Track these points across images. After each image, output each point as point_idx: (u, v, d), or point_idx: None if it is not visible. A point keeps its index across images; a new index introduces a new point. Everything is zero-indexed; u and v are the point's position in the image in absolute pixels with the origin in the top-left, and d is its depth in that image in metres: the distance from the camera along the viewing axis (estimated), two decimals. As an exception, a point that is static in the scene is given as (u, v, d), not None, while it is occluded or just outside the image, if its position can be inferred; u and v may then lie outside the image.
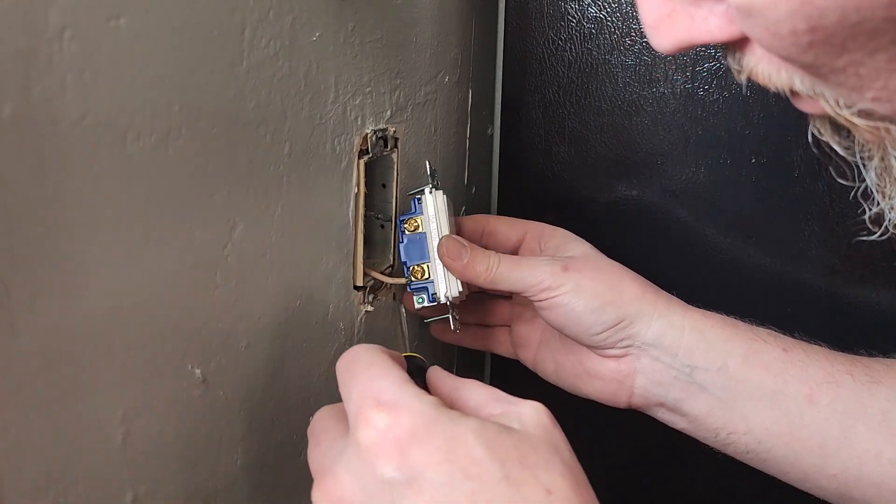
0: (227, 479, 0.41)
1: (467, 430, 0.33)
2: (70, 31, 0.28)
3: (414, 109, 0.56)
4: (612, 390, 0.53)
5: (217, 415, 0.39)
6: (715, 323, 0.51)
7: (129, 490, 0.34)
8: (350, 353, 0.38)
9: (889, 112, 0.25)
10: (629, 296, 0.50)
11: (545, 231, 0.56)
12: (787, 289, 0.66)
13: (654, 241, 0.69)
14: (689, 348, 0.50)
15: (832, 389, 0.48)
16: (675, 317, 0.51)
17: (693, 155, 0.66)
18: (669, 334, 0.50)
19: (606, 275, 0.51)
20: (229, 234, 0.39)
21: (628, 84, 0.67)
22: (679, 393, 0.51)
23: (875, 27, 0.22)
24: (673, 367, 0.51)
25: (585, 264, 0.52)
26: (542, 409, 0.36)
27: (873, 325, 0.63)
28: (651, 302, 0.51)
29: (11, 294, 0.28)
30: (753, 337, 0.50)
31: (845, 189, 0.66)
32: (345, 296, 0.50)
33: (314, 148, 0.45)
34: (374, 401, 0.34)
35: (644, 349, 0.51)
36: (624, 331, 0.51)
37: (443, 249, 0.51)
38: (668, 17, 0.27)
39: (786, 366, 0.49)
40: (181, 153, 0.35)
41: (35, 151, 0.28)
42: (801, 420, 0.48)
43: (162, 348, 0.35)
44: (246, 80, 0.38)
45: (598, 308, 0.50)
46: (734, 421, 0.50)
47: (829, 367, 0.49)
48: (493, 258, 0.51)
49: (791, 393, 0.49)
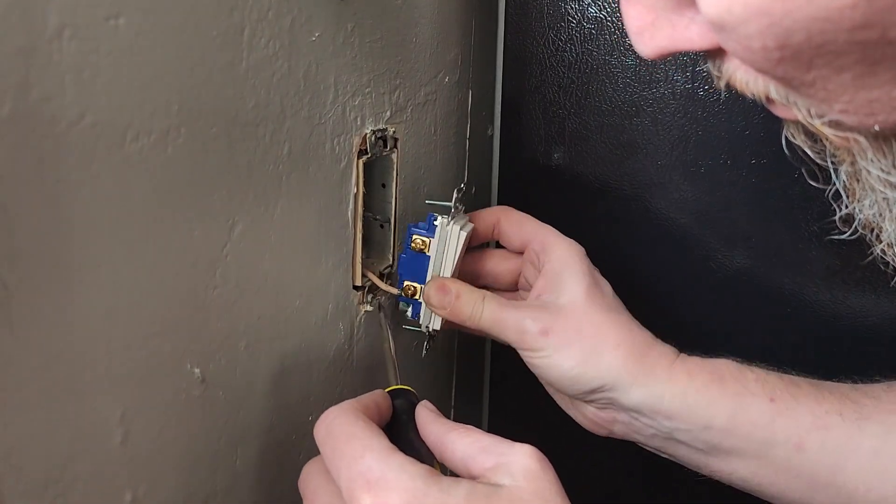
0: (227, 479, 0.41)
1: (458, 500, 0.34)
2: (69, 31, 0.28)
3: (414, 110, 0.56)
4: (591, 427, 0.54)
5: (217, 415, 0.39)
6: (700, 385, 0.50)
7: (129, 490, 0.34)
8: (325, 424, 0.38)
9: (856, 124, 0.26)
10: (608, 365, 0.50)
11: (546, 245, 0.55)
12: (787, 290, 0.66)
13: (654, 243, 0.69)
14: (670, 415, 0.50)
15: (821, 434, 0.48)
16: (656, 386, 0.50)
17: (693, 155, 0.66)
18: (648, 402, 0.50)
19: (588, 340, 0.50)
20: (229, 234, 0.39)
21: (628, 84, 0.67)
22: (660, 443, 0.52)
23: (839, 48, 0.23)
24: (652, 426, 0.51)
25: (567, 323, 0.51)
26: (533, 455, 0.36)
27: (873, 326, 0.63)
28: (631, 372, 0.50)
29: (11, 294, 0.28)
30: (740, 391, 0.50)
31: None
32: (344, 296, 0.50)
33: (313, 148, 0.45)
34: (363, 481, 0.34)
35: (623, 410, 0.51)
36: (602, 394, 0.51)
37: (427, 297, 0.52)
38: (652, 25, 0.28)
39: (774, 417, 0.49)
40: (180, 153, 0.35)
41: (34, 151, 0.28)
42: (789, 465, 0.49)
43: (161, 348, 0.35)
44: (245, 80, 0.38)
45: (573, 377, 0.50)
46: (718, 466, 0.51)
47: (818, 409, 0.49)
48: (478, 306, 0.51)
49: (780, 442, 0.49)
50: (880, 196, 0.29)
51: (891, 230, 0.31)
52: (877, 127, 0.26)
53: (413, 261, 0.52)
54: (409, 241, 0.52)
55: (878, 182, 0.29)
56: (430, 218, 0.52)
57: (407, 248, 0.53)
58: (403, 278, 0.53)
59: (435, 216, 0.52)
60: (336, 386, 0.50)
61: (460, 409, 0.72)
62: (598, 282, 0.53)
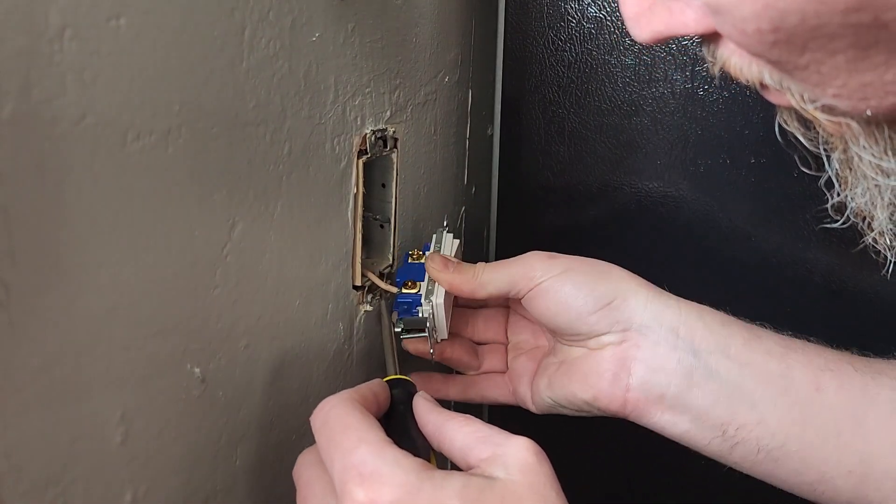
0: (227, 478, 0.41)
1: (452, 494, 0.33)
2: (70, 31, 0.28)
3: (414, 110, 0.56)
4: (608, 389, 0.49)
5: (216, 415, 0.39)
6: (710, 310, 0.49)
7: (129, 490, 0.34)
8: (322, 413, 0.38)
9: (849, 108, 0.27)
10: (619, 277, 0.49)
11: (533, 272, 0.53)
12: (787, 289, 0.66)
13: (654, 242, 0.69)
14: (691, 327, 0.48)
15: (836, 377, 0.46)
16: (670, 299, 0.49)
17: (693, 155, 0.66)
18: (667, 313, 0.48)
19: (595, 263, 0.50)
20: (229, 234, 0.39)
21: (628, 84, 0.67)
22: (681, 381, 0.48)
23: (833, 31, 0.23)
24: (676, 349, 0.48)
25: (573, 257, 0.51)
26: (529, 448, 0.36)
27: (873, 326, 0.63)
28: (644, 284, 0.50)
29: (11, 294, 0.28)
30: (750, 326, 0.49)
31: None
32: (344, 295, 0.50)
33: (313, 148, 0.45)
34: (356, 474, 0.34)
35: (642, 333, 0.48)
36: (618, 310, 0.48)
37: (429, 266, 0.52)
38: (649, 10, 0.29)
39: (787, 351, 0.47)
40: (181, 153, 0.35)
41: (35, 151, 0.28)
42: (812, 408, 0.46)
43: (161, 348, 0.35)
44: (246, 80, 0.38)
45: (588, 288, 0.48)
46: (743, 411, 0.47)
47: (829, 355, 0.48)
48: (478, 268, 0.51)
49: (797, 378, 0.46)
50: (872, 183, 0.30)
51: (882, 218, 0.31)
52: (869, 112, 0.26)
53: (410, 267, 0.53)
54: (404, 269, 0.53)
55: (870, 168, 0.29)
56: (425, 246, 0.55)
57: (405, 261, 0.54)
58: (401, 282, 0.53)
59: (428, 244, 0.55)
60: (336, 386, 0.50)
61: (460, 402, 0.72)
62: None
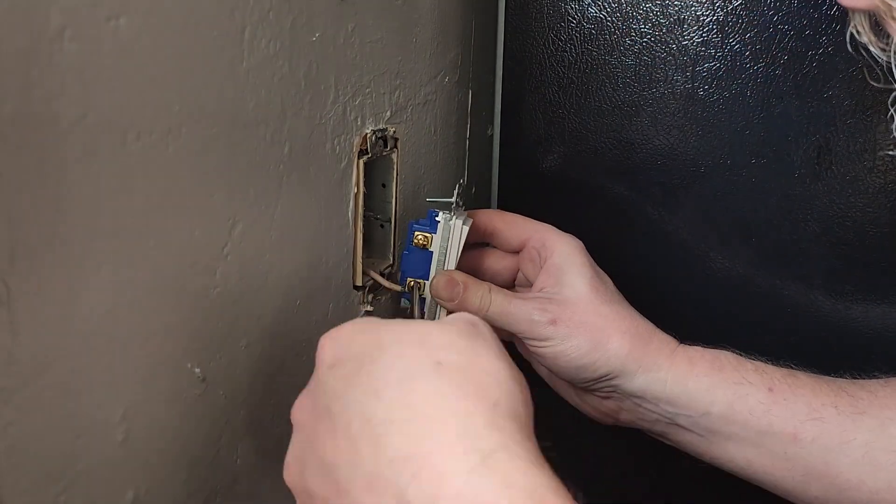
0: (228, 478, 0.41)
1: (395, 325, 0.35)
2: (70, 31, 0.29)
3: (414, 110, 0.56)
4: (597, 416, 0.56)
5: (217, 414, 0.39)
6: (700, 372, 0.52)
7: (130, 489, 0.34)
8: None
9: None
10: (614, 354, 0.52)
11: (547, 241, 0.55)
12: (787, 290, 0.66)
13: (654, 242, 0.69)
14: (671, 401, 0.52)
15: (816, 426, 0.49)
16: (659, 372, 0.52)
17: (693, 155, 0.66)
18: (652, 389, 0.52)
19: (595, 330, 0.52)
20: (229, 234, 0.39)
21: (628, 84, 0.67)
22: (662, 428, 0.54)
23: None
24: (655, 412, 0.53)
25: (574, 314, 0.52)
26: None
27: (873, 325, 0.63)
28: (636, 359, 0.52)
29: (11, 294, 0.28)
30: (739, 380, 0.51)
31: (845, 189, 0.66)
32: (344, 295, 0.50)
33: (314, 148, 0.45)
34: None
35: (627, 396, 0.53)
36: (607, 382, 0.53)
37: (435, 290, 0.52)
38: None
39: (770, 407, 0.50)
40: (181, 153, 0.35)
41: (35, 151, 0.28)
42: (785, 456, 0.50)
43: (162, 347, 0.35)
44: (246, 80, 0.38)
45: (581, 365, 0.52)
46: (717, 453, 0.52)
47: (814, 401, 0.50)
48: (485, 297, 0.52)
49: (775, 433, 0.50)
50: None
51: None
52: None
53: (416, 257, 0.53)
54: (411, 237, 0.52)
55: None
56: (430, 214, 0.52)
57: (409, 244, 0.53)
58: (406, 275, 0.53)
59: (436, 212, 0.52)
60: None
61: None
62: (599, 274, 0.55)
